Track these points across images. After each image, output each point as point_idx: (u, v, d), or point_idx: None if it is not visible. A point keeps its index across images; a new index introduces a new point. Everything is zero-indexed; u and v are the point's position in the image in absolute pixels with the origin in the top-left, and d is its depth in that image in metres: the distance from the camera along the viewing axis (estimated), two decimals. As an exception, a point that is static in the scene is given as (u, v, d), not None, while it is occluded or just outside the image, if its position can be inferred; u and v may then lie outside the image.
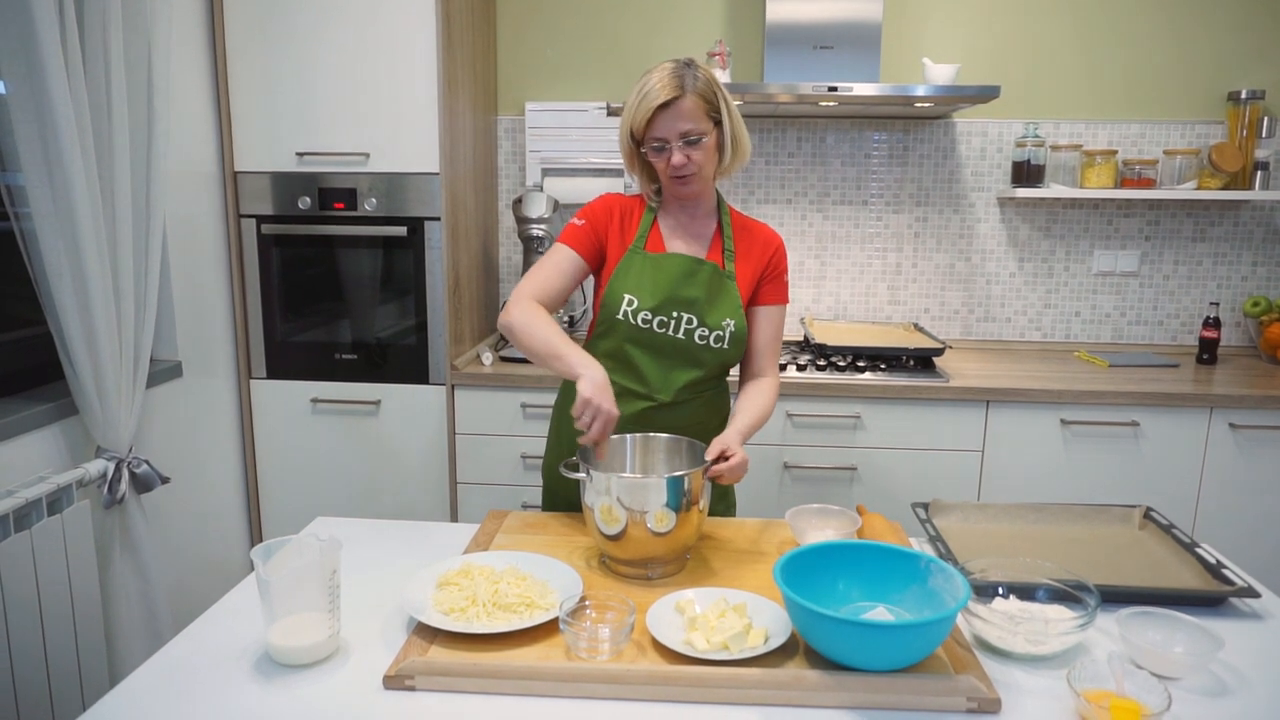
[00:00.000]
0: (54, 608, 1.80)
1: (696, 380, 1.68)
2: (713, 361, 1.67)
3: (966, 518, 1.65)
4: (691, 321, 1.64)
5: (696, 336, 1.65)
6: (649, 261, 1.65)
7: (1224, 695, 1.13)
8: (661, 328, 1.64)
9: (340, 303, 2.69)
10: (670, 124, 1.55)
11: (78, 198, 1.82)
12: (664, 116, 1.55)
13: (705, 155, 1.58)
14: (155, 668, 1.19)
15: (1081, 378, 2.61)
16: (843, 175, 3.06)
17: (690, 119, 1.55)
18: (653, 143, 1.58)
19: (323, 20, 2.52)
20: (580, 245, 1.66)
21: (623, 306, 1.63)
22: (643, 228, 1.67)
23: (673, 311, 1.63)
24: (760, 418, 1.64)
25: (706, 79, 1.57)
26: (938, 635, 1.10)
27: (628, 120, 1.59)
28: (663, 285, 1.63)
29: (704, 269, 1.65)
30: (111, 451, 2.00)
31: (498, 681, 1.12)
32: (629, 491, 1.37)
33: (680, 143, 1.56)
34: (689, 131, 1.55)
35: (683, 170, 1.58)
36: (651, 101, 1.54)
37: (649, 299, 1.63)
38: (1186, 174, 2.88)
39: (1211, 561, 1.43)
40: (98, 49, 1.90)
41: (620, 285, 1.64)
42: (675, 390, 1.66)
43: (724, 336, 1.65)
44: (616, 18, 3.02)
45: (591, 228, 1.67)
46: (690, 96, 1.54)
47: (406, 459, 2.72)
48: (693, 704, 1.11)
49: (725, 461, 1.46)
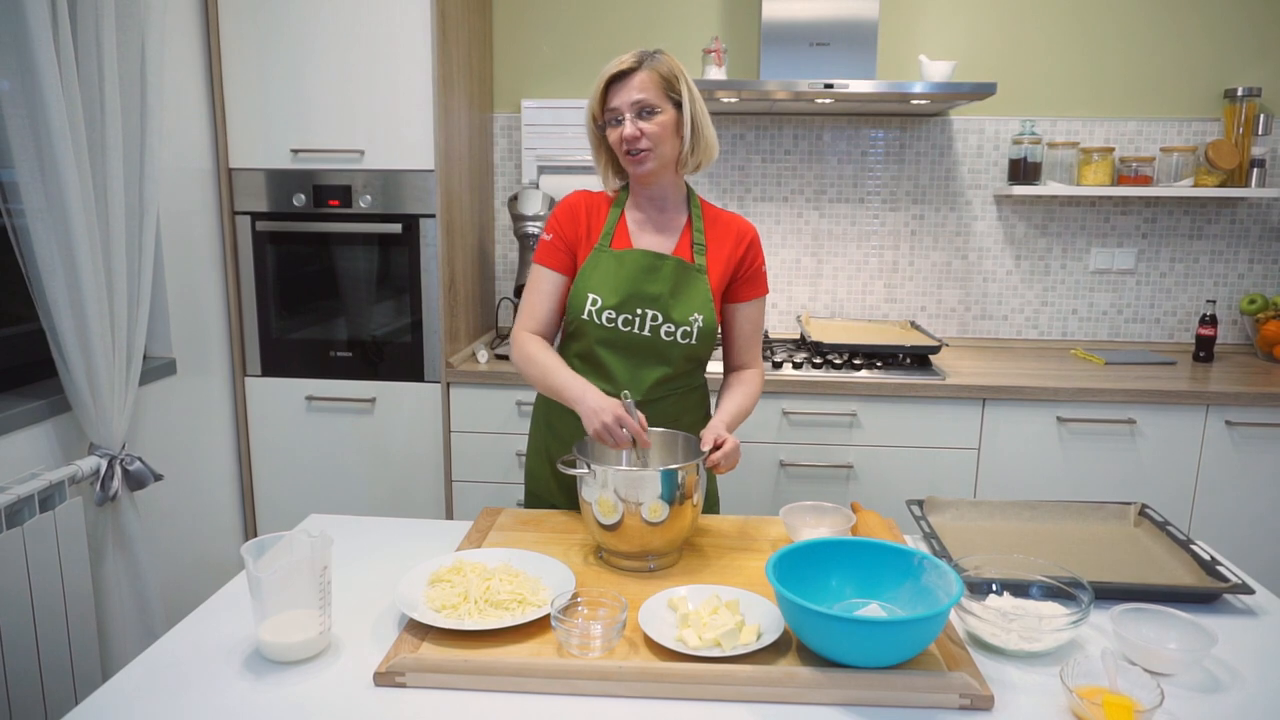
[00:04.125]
0: (46, 604, 1.80)
1: (666, 377, 1.66)
2: (681, 357, 1.66)
3: (961, 515, 1.65)
4: (657, 318, 1.62)
5: (663, 333, 1.63)
6: (613, 259, 1.63)
7: (1217, 691, 1.13)
8: (626, 325, 1.62)
9: (335, 300, 2.68)
10: (624, 95, 1.55)
11: (70, 194, 1.82)
12: (619, 88, 1.56)
13: (661, 131, 1.56)
14: (147, 663, 1.18)
15: (1078, 375, 2.61)
16: (839, 173, 3.05)
17: (642, 90, 1.55)
18: (610, 116, 1.58)
19: (317, 17, 2.51)
20: (554, 262, 1.66)
21: (586, 306, 1.62)
22: (609, 225, 1.66)
23: (636, 309, 1.62)
24: (746, 408, 1.64)
25: (669, 64, 1.58)
26: (930, 632, 1.10)
27: (590, 103, 1.60)
28: (625, 282, 1.62)
29: (667, 264, 1.63)
30: (104, 448, 2.00)
31: (489, 678, 1.12)
32: (626, 484, 1.37)
33: (633, 114, 1.56)
34: (641, 102, 1.55)
35: (636, 144, 1.56)
36: (607, 73, 1.56)
37: (611, 297, 1.61)
38: (1183, 171, 2.87)
39: (1206, 558, 1.43)
40: (91, 45, 1.89)
41: (584, 285, 1.63)
42: (646, 388, 1.65)
43: (691, 332, 1.63)
44: (612, 15, 3.02)
45: (559, 239, 1.66)
46: (646, 71, 1.56)
47: (401, 457, 2.72)
48: (685, 701, 1.10)
49: (719, 450, 1.47)
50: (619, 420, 1.45)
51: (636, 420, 1.47)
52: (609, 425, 1.45)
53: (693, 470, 1.41)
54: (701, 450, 1.48)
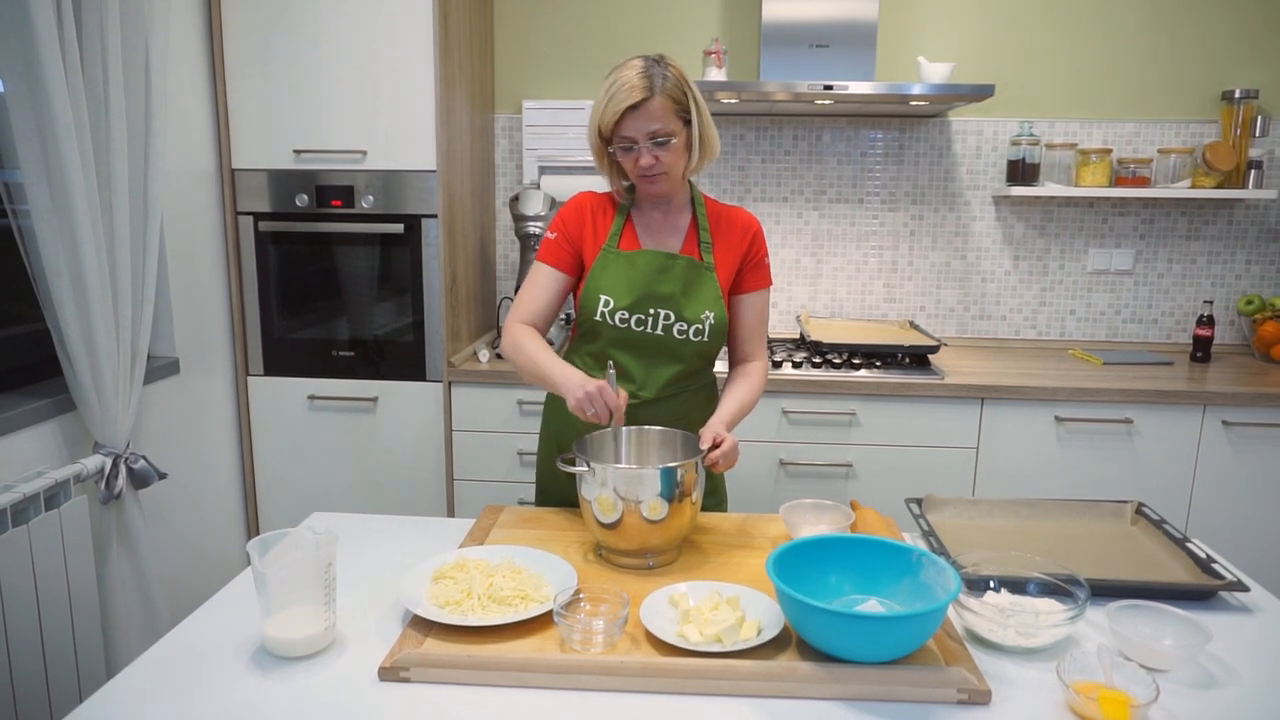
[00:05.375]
0: (51, 602, 1.81)
1: (679, 375, 1.69)
2: (694, 355, 1.68)
3: (960, 513, 1.66)
4: (669, 317, 1.64)
5: (675, 331, 1.65)
6: (623, 260, 1.65)
7: (1212, 687, 1.14)
8: (640, 325, 1.64)
9: (337, 300, 2.70)
10: (639, 125, 1.53)
11: (75, 195, 1.83)
12: (633, 117, 1.53)
13: (674, 156, 1.57)
14: (152, 660, 1.19)
15: (1076, 375, 2.62)
16: (839, 174, 3.06)
17: (659, 119, 1.53)
18: (621, 143, 1.57)
19: (321, 18, 2.53)
20: (557, 260, 1.67)
21: (599, 307, 1.64)
22: (616, 226, 1.67)
23: (649, 309, 1.64)
24: (746, 404, 1.66)
25: (676, 78, 1.55)
26: (929, 627, 1.11)
27: (596, 118, 1.58)
28: (637, 283, 1.63)
29: (678, 263, 1.65)
30: (109, 447, 2.01)
31: (493, 673, 1.13)
32: (625, 482, 1.38)
33: (649, 143, 1.55)
34: (657, 132, 1.54)
35: (651, 171, 1.57)
36: (620, 104, 1.52)
37: (624, 297, 1.63)
38: (1181, 173, 2.89)
39: (1201, 556, 1.45)
40: (95, 46, 1.90)
41: (596, 286, 1.65)
42: (659, 386, 1.67)
43: (703, 330, 1.65)
44: (613, 16, 3.03)
45: (564, 238, 1.67)
46: (659, 98, 1.52)
47: (403, 456, 2.73)
48: (686, 695, 1.11)
49: (717, 449, 1.49)
50: (600, 389, 1.46)
51: (616, 395, 1.47)
52: (590, 394, 1.45)
53: (691, 468, 1.42)
54: (700, 449, 1.49)
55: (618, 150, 1.59)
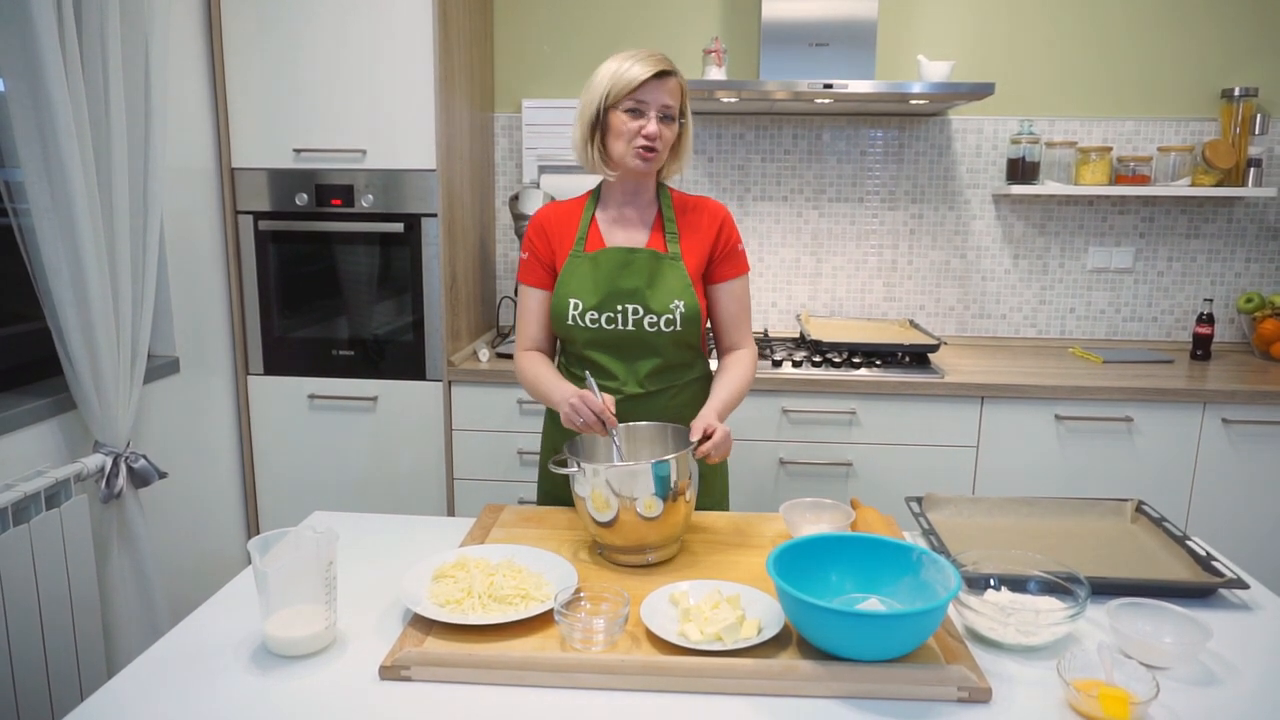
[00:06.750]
0: (52, 601, 1.81)
1: (659, 367, 1.70)
2: (669, 345, 1.68)
3: (960, 511, 1.66)
4: (638, 311, 1.65)
5: (646, 324, 1.66)
6: (587, 261, 1.67)
7: (1212, 685, 1.14)
8: (610, 324, 1.66)
9: (337, 299, 2.70)
10: (656, 95, 1.59)
11: (76, 194, 1.83)
12: (654, 85, 1.58)
13: (671, 138, 1.63)
14: (152, 659, 1.19)
15: (1076, 373, 2.62)
16: (839, 172, 3.06)
17: (672, 97, 1.61)
18: (632, 103, 1.58)
19: (320, 17, 2.53)
20: (536, 279, 1.73)
21: (570, 312, 1.66)
22: (581, 229, 1.70)
23: (616, 305, 1.66)
24: (737, 393, 1.66)
25: (682, 79, 1.65)
26: (929, 626, 1.12)
27: (605, 88, 1.59)
28: (602, 282, 1.66)
29: (639, 256, 1.66)
30: (109, 446, 2.01)
31: (493, 672, 1.13)
32: (619, 479, 1.38)
33: (658, 115, 1.59)
34: (668, 108, 1.60)
35: (653, 140, 1.59)
36: (649, 67, 1.57)
37: (591, 297, 1.65)
38: (1180, 171, 2.89)
39: (1201, 554, 1.45)
40: (95, 46, 1.90)
41: (564, 291, 1.67)
42: (641, 379, 1.69)
43: (675, 319, 1.66)
44: (613, 15, 3.03)
45: (535, 258, 1.72)
46: (677, 79, 1.62)
47: (403, 455, 2.73)
48: (686, 694, 1.11)
49: (709, 440, 1.49)
50: (582, 398, 1.49)
51: (600, 400, 1.50)
52: (574, 405, 1.49)
53: (684, 461, 1.42)
54: (690, 440, 1.48)
55: (625, 113, 1.59)
